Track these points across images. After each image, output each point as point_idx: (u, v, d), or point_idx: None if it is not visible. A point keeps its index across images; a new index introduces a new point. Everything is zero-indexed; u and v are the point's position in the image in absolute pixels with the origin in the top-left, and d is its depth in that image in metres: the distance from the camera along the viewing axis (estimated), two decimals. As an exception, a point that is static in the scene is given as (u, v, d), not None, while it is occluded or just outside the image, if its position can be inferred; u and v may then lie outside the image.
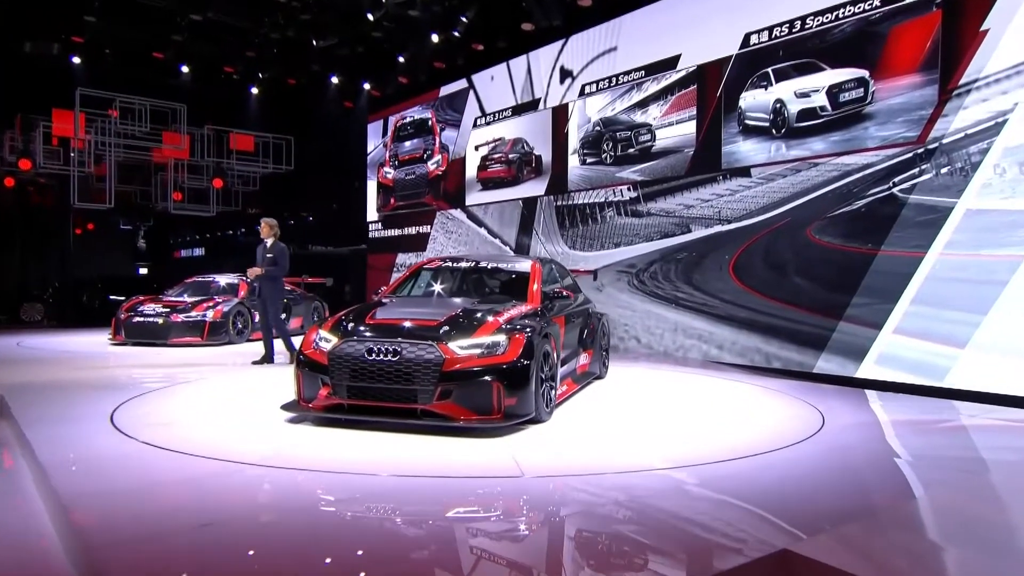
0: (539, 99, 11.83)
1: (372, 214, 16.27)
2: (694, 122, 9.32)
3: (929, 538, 3.37)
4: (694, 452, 4.63)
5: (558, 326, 6.03)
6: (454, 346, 4.86)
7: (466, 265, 6.78)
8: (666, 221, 9.67)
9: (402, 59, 14.51)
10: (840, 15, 7.67)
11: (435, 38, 13.10)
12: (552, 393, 5.46)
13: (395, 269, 15.25)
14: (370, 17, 12.52)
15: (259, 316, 8.98)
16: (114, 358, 9.60)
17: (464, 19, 12.28)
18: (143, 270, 22.69)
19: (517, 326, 5.16)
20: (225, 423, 5.42)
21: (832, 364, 7.61)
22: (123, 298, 12.66)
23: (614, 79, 10.50)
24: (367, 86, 16.51)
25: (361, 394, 4.92)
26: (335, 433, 4.92)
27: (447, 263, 6.91)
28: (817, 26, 7.89)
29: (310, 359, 5.15)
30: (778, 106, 8.22)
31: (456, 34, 12.66)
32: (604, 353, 7.61)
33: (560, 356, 5.90)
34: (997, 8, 6.43)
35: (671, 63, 9.66)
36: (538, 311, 5.77)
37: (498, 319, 5.21)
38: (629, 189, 10.22)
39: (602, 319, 7.67)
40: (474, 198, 13.25)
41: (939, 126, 6.80)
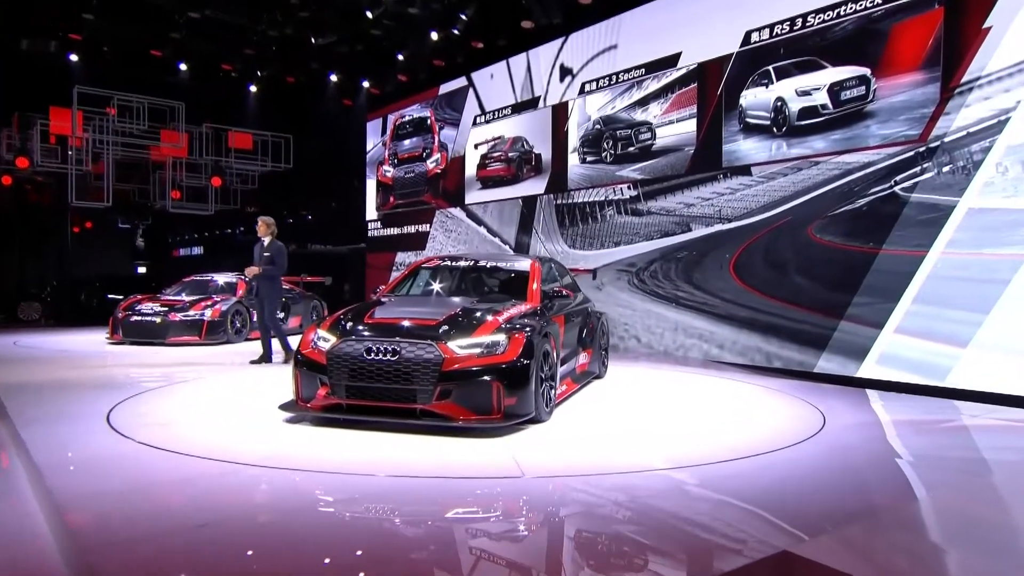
0: (539, 97, 11.80)
1: (371, 213, 16.23)
2: (694, 120, 9.29)
3: (930, 540, 3.35)
4: (694, 452, 4.62)
5: (557, 325, 6.00)
6: (453, 345, 4.83)
7: (465, 264, 6.75)
8: (666, 220, 9.64)
9: (401, 57, 14.48)
10: (841, 12, 7.64)
11: (434, 36, 13.07)
12: (552, 393, 5.44)
13: (394, 268, 15.22)
14: (369, 15, 12.49)
15: (257, 315, 8.94)
16: (111, 357, 9.57)
17: (464, 17, 12.25)
18: (141, 269, 22.64)
19: (517, 325, 5.13)
20: (222, 423, 5.40)
21: (833, 364, 7.59)
22: (121, 297, 12.62)
23: (614, 77, 10.47)
24: (366, 84, 16.48)
25: (360, 394, 4.89)
26: (333, 433, 4.90)
27: (446, 262, 6.88)
28: (818, 24, 7.86)
29: (308, 359, 5.11)
30: (779, 104, 8.19)
31: (456, 32, 12.64)
32: (603, 352, 7.59)
33: (560, 355, 5.88)
34: (999, 5, 6.40)
35: (671, 61, 9.63)
36: (538, 310, 5.75)
37: (498, 318, 5.18)
38: (629, 188, 10.19)
39: (601, 318, 7.64)
40: (474, 196, 13.22)
41: (941, 124, 6.77)
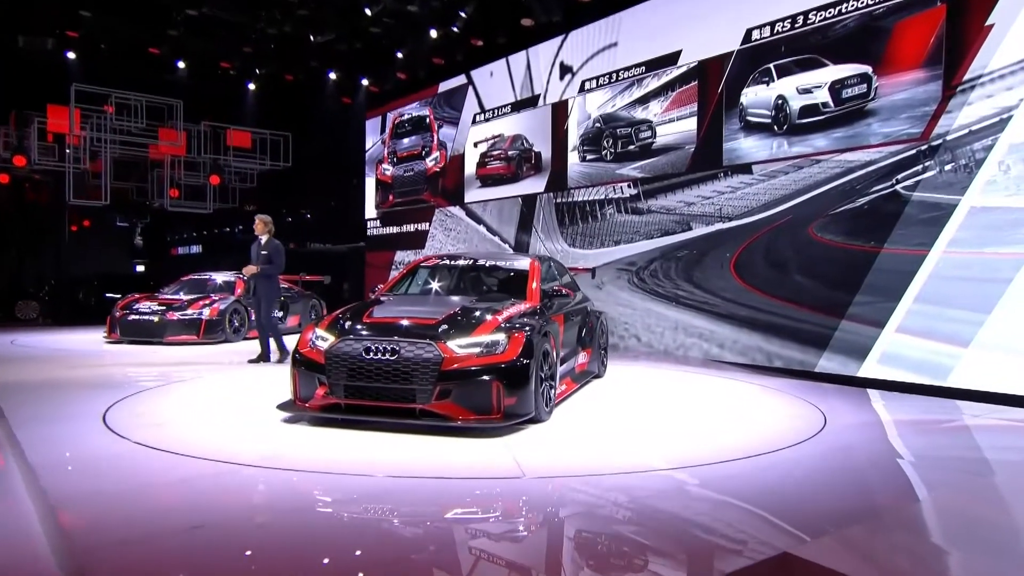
0: (539, 95, 11.76)
1: (370, 211, 16.20)
2: (695, 118, 9.25)
3: (932, 541, 3.33)
4: (695, 452, 4.60)
5: (557, 324, 5.97)
6: (453, 345, 4.80)
7: (464, 263, 6.72)
8: (666, 218, 9.61)
9: (400, 55, 14.45)
10: (843, 10, 7.61)
11: (434, 34, 13.04)
12: (551, 392, 5.41)
13: (394, 267, 15.18)
14: (368, 12, 12.45)
15: (255, 314, 8.91)
16: (109, 356, 9.54)
17: (463, 14, 12.21)
18: (140, 267, 22.57)
19: (516, 325, 5.10)
20: (220, 423, 5.36)
21: (834, 363, 7.56)
22: (119, 296, 12.57)
23: (614, 75, 10.43)
24: (365, 82, 16.45)
25: (358, 393, 4.86)
26: (332, 433, 4.86)
27: (445, 261, 6.85)
28: (819, 21, 7.82)
29: (306, 358, 5.08)
30: (780, 102, 8.15)
31: (455, 29, 12.60)
32: (603, 352, 7.56)
33: (559, 355, 5.85)
34: (1002, 3, 6.36)
35: (672, 59, 9.59)
36: (537, 309, 5.71)
37: (497, 318, 5.14)
38: (629, 186, 10.15)
39: (600, 317, 7.61)
40: (473, 195, 13.18)
41: (943, 122, 6.74)
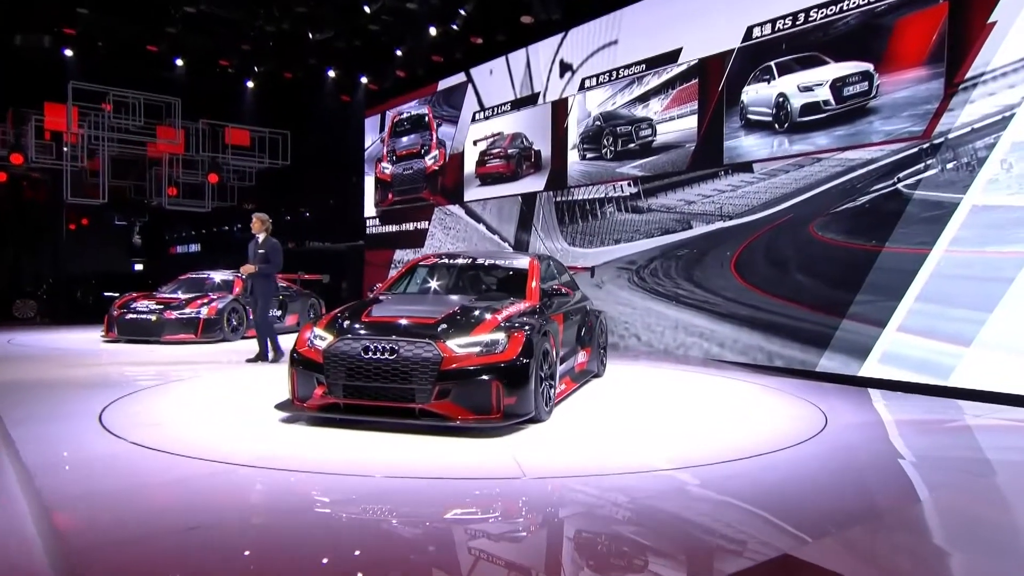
0: (538, 93, 11.72)
1: (369, 210, 16.16)
2: (695, 117, 9.22)
3: (933, 541, 3.32)
4: (695, 452, 4.57)
5: (557, 324, 5.94)
6: (452, 344, 4.77)
7: (463, 262, 6.68)
8: (667, 217, 9.58)
9: (400, 53, 14.41)
10: (844, 7, 7.57)
11: (433, 31, 13.01)
12: (551, 392, 5.38)
13: (393, 265, 15.14)
14: (367, 10, 12.41)
15: (253, 313, 8.87)
16: (106, 355, 9.50)
17: (462, 12, 12.17)
18: (138, 266, 22.54)
19: (516, 324, 5.07)
20: (217, 423, 5.33)
21: (835, 362, 7.53)
22: (117, 294, 12.52)
23: (614, 73, 10.40)
24: (364, 80, 16.41)
25: (357, 393, 4.83)
26: (330, 433, 4.83)
27: (444, 259, 6.81)
28: (821, 19, 7.79)
29: (304, 357, 5.04)
30: (781, 100, 8.12)
31: (454, 27, 12.56)
32: (602, 351, 7.53)
33: (559, 354, 5.81)
34: (1004, 0, 6.33)
35: (672, 57, 9.56)
36: (537, 308, 5.68)
37: (497, 317, 5.11)
38: (629, 185, 10.12)
39: (600, 316, 7.58)
40: (473, 193, 13.15)
41: (945, 120, 6.71)
